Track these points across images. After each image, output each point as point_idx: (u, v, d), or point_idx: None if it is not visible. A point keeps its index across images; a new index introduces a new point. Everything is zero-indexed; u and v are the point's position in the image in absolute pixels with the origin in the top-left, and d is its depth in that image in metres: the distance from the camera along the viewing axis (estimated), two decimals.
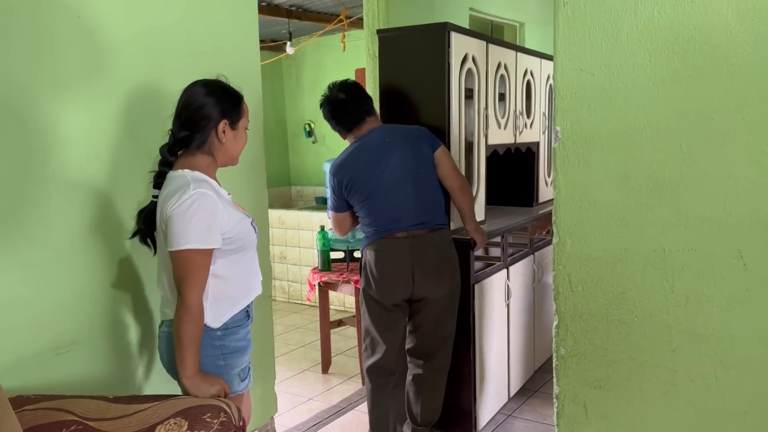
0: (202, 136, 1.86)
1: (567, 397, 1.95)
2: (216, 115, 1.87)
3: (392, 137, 2.69)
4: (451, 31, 2.78)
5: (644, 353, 1.81)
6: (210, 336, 1.86)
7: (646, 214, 1.77)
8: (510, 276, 3.26)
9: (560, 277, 1.91)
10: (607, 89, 1.78)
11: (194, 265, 1.77)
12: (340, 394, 3.77)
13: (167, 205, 1.78)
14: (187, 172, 1.84)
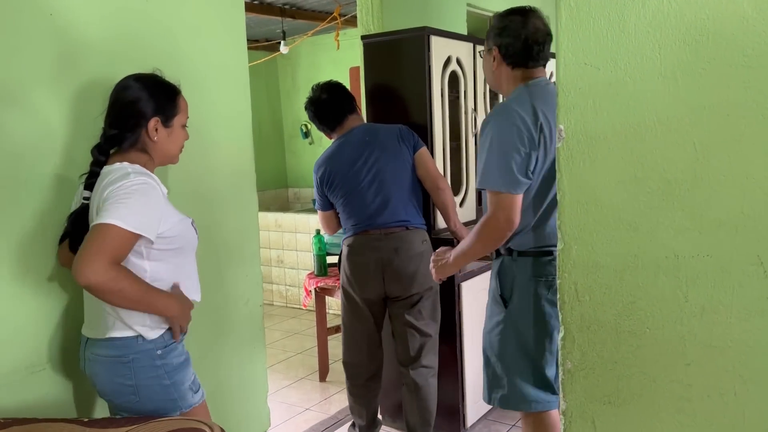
0: (132, 135, 1.76)
1: (574, 413, 1.83)
2: (147, 112, 1.78)
3: (372, 136, 2.70)
4: (430, 35, 2.80)
5: (657, 367, 1.69)
6: (150, 356, 1.75)
7: (657, 217, 1.64)
8: None
9: (566, 285, 1.79)
10: (613, 84, 1.66)
11: (114, 242, 1.59)
12: (338, 403, 3.67)
13: (106, 192, 1.63)
14: (126, 164, 1.72)
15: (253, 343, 2.70)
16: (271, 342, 4.51)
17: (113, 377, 1.77)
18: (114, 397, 1.80)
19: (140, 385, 1.77)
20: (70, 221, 1.80)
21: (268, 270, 5.86)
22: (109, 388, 1.79)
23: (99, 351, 1.78)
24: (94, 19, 2.03)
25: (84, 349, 1.84)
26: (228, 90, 2.48)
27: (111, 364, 1.76)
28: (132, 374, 1.76)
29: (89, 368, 1.83)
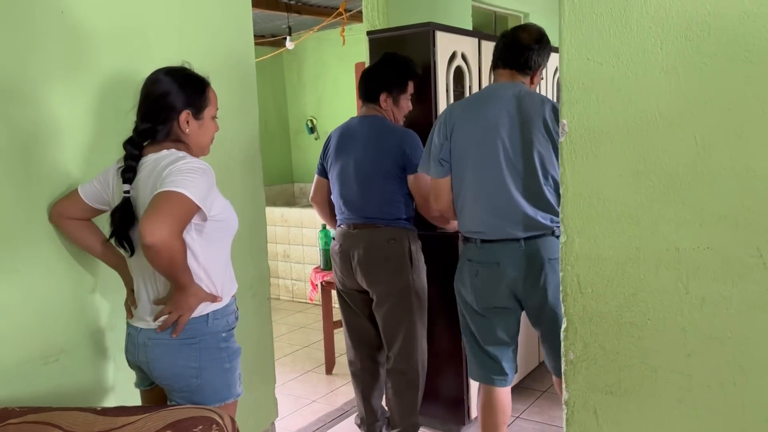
0: (165, 127, 1.78)
1: (577, 403, 1.86)
2: (178, 105, 1.78)
3: (378, 132, 2.68)
4: (435, 30, 2.80)
5: (658, 358, 1.72)
6: (216, 339, 1.82)
7: (658, 211, 1.67)
8: None
9: (568, 277, 1.82)
10: (616, 79, 1.69)
11: (181, 210, 1.61)
12: (344, 395, 3.70)
13: (165, 171, 1.67)
14: (173, 150, 1.75)
15: (261, 335, 2.74)
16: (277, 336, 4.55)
17: (177, 359, 1.77)
18: (174, 380, 1.79)
19: (204, 367, 1.78)
20: (116, 219, 1.78)
21: (274, 265, 5.90)
22: (170, 372, 1.79)
23: (162, 335, 1.77)
24: (104, 16, 2.06)
25: (136, 336, 1.83)
26: (235, 85, 2.51)
27: (177, 346, 1.77)
28: (198, 356, 1.78)
29: (146, 354, 1.80)
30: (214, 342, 1.81)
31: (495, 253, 2.34)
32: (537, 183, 2.30)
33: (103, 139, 2.07)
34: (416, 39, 2.83)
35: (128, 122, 2.14)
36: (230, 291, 1.90)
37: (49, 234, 1.93)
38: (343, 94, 6.64)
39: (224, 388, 1.84)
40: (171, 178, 1.64)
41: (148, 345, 1.81)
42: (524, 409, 3.25)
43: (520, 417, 3.18)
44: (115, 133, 2.10)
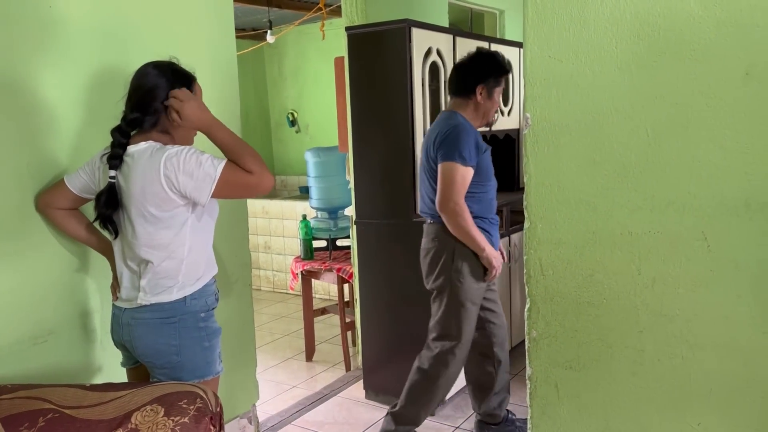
0: (152, 118, 1.86)
1: (539, 378, 1.98)
2: (162, 97, 1.86)
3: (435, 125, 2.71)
4: (411, 26, 2.89)
5: (613, 334, 1.85)
6: (195, 318, 1.90)
7: (613, 198, 1.80)
8: None
9: (531, 260, 1.94)
10: (575, 76, 1.81)
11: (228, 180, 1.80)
12: (323, 381, 3.81)
13: (166, 176, 1.77)
14: (151, 143, 1.85)
15: (242, 319, 2.83)
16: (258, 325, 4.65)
17: (158, 338, 1.86)
18: (156, 357, 1.88)
19: (183, 345, 1.87)
20: (103, 203, 1.85)
21: (255, 256, 5.98)
22: (152, 350, 1.88)
23: (144, 314, 1.87)
24: (88, 9, 2.14)
25: (120, 316, 1.92)
26: (217, 78, 2.60)
27: (158, 325, 1.86)
28: (177, 334, 1.87)
29: (129, 333, 1.90)
30: (193, 321, 1.90)
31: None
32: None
33: (90, 128, 2.15)
34: (393, 35, 2.92)
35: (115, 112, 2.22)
36: (210, 273, 1.99)
37: (38, 219, 2.01)
38: (323, 87, 6.72)
39: (203, 366, 1.92)
40: (198, 177, 1.78)
41: (131, 324, 1.90)
42: None
43: None
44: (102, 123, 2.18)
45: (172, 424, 1.65)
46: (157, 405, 1.70)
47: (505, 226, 3.64)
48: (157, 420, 1.66)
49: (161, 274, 1.87)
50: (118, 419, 1.66)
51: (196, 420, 1.69)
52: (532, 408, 2.01)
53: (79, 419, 1.66)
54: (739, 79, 1.60)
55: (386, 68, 2.97)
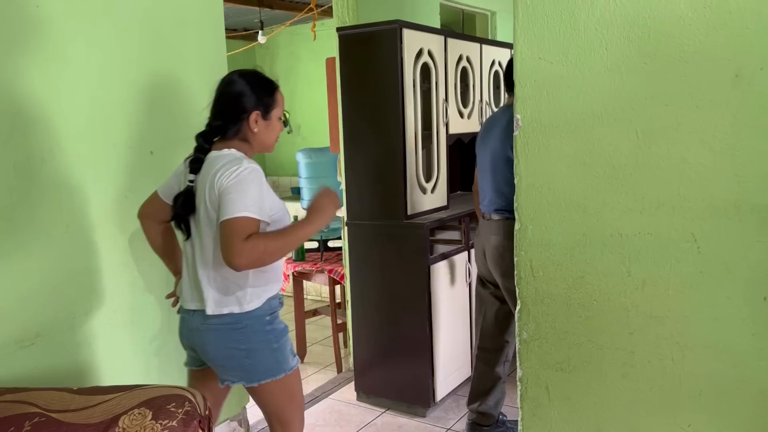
0: (235, 126, 1.91)
1: (530, 380, 1.98)
2: (249, 106, 1.90)
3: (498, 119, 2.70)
4: (402, 27, 2.89)
5: (603, 336, 1.85)
6: (261, 322, 1.91)
7: (603, 199, 1.80)
8: (471, 258, 3.34)
9: (522, 262, 1.94)
10: (565, 77, 1.81)
11: (246, 229, 1.75)
12: (315, 382, 3.79)
13: (221, 178, 1.79)
14: (234, 151, 1.88)
15: None
16: None
17: (227, 343, 1.88)
18: (227, 361, 1.91)
19: (252, 348, 1.89)
20: (180, 204, 1.88)
21: None
22: (222, 354, 1.90)
23: (212, 321, 1.88)
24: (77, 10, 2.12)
25: (190, 320, 1.94)
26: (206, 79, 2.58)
27: (226, 331, 1.88)
28: (246, 339, 1.88)
29: (199, 338, 1.92)
30: (260, 326, 1.91)
31: None
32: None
33: (78, 128, 2.13)
34: (384, 36, 2.91)
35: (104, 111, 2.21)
36: (278, 281, 2.01)
37: (27, 220, 2.00)
38: (315, 88, 6.70)
39: (274, 366, 1.94)
40: (229, 199, 1.76)
41: (201, 330, 1.91)
42: None
43: None
44: (90, 122, 2.17)
45: (160, 428, 1.64)
46: (145, 408, 1.69)
47: None
48: (144, 424, 1.64)
49: (228, 283, 1.87)
50: (105, 423, 1.65)
51: (185, 424, 1.67)
52: (523, 410, 2.01)
53: (65, 423, 1.64)
54: (729, 81, 1.60)
55: (377, 69, 2.96)
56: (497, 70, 3.78)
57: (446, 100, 3.24)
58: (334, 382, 3.66)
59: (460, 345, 3.31)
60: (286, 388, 1.98)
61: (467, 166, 4.19)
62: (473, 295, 3.38)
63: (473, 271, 3.37)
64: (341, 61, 3.08)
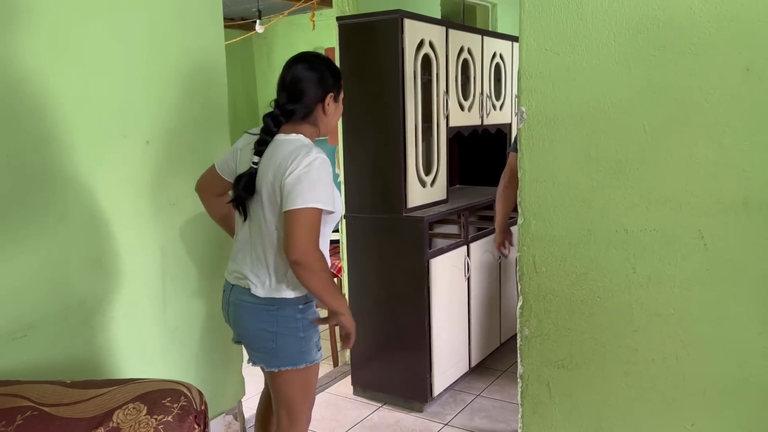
0: (307, 108, 1.92)
1: (531, 376, 1.96)
2: (323, 89, 1.92)
3: None
4: (404, 17, 2.84)
5: (606, 333, 1.82)
6: (293, 309, 1.91)
7: (609, 194, 1.77)
8: (470, 253, 3.30)
9: (525, 257, 1.91)
10: (571, 69, 1.77)
11: (316, 224, 1.79)
12: None
13: (289, 165, 1.80)
14: (302, 137, 1.90)
15: None
16: None
17: (257, 322, 1.91)
18: (254, 340, 1.94)
19: (279, 333, 1.90)
20: (242, 186, 1.89)
21: None
22: (251, 332, 1.94)
23: (247, 298, 1.92)
24: None
25: (229, 294, 1.99)
26: (204, 68, 2.53)
27: (258, 311, 1.91)
28: (275, 321, 1.90)
29: (234, 312, 1.97)
30: (292, 312, 1.91)
31: None
32: None
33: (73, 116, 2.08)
34: (385, 26, 2.87)
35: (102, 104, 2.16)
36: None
37: (19, 211, 1.95)
38: None
39: (297, 355, 1.93)
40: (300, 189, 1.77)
41: (236, 304, 1.96)
42: (485, 387, 3.36)
43: (481, 395, 3.28)
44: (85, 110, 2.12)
45: (155, 423, 1.60)
46: (140, 403, 1.65)
47: None
48: (139, 419, 1.61)
49: (281, 269, 1.89)
50: (99, 418, 1.61)
51: (180, 419, 1.64)
52: (523, 407, 1.98)
53: (58, 417, 1.61)
54: (740, 75, 1.57)
55: (378, 60, 2.91)
56: (498, 63, 3.74)
57: (447, 92, 3.20)
58: (330, 376, 3.63)
59: (458, 340, 3.28)
60: (304, 380, 1.98)
61: (467, 159, 4.16)
62: (472, 289, 3.36)
63: (472, 265, 3.34)
64: (341, 51, 3.03)
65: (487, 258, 3.50)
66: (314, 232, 1.79)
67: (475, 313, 3.42)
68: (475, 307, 3.41)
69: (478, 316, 3.46)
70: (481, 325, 3.51)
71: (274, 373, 1.95)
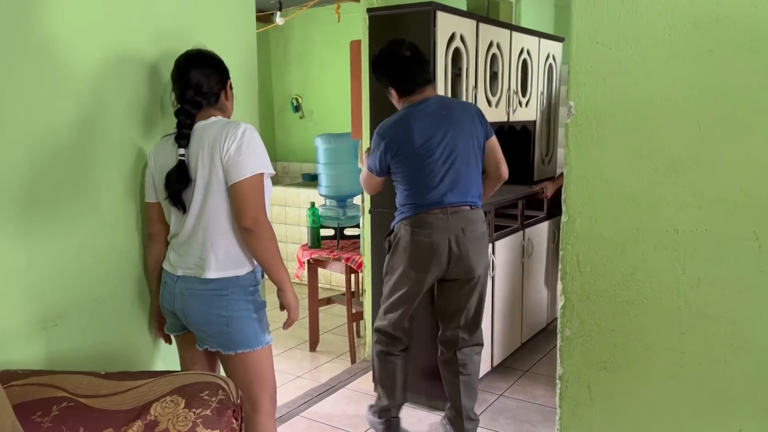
0: (214, 97, 2.03)
1: (571, 378, 1.91)
2: (222, 77, 2.07)
3: (448, 110, 2.58)
4: (436, 10, 2.79)
5: (652, 335, 1.78)
6: (244, 292, 1.99)
7: (659, 193, 1.72)
8: (495, 251, 3.25)
9: (568, 256, 1.86)
10: (623, 63, 1.72)
11: (262, 189, 1.92)
12: (328, 371, 3.74)
13: (224, 141, 1.90)
14: (221, 117, 2.02)
15: None
16: None
17: (210, 308, 1.95)
18: (207, 327, 1.98)
19: (233, 316, 1.96)
20: (172, 180, 1.95)
21: None
22: (204, 319, 1.97)
23: (197, 286, 1.96)
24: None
25: (173, 285, 2.00)
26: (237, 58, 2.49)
27: (209, 297, 1.95)
28: (228, 305, 1.95)
29: (182, 302, 1.99)
30: (243, 294, 1.98)
31: None
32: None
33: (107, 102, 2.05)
34: (417, 18, 2.83)
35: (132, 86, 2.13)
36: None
37: (51, 198, 1.92)
38: (329, 72, 6.60)
39: (253, 336, 2.00)
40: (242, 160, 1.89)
41: (184, 294, 1.98)
42: (507, 387, 3.33)
43: (503, 395, 3.25)
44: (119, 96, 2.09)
45: (194, 417, 1.57)
46: (178, 396, 1.62)
47: (520, 221, 3.57)
48: (177, 412, 1.58)
49: (231, 246, 1.96)
50: (137, 410, 1.58)
51: (219, 413, 1.60)
52: (562, 408, 1.94)
53: (95, 409, 1.58)
54: None
55: None
56: (525, 59, 3.70)
57: (476, 87, 3.16)
58: (350, 372, 3.60)
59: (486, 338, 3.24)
60: (260, 363, 2.04)
61: None
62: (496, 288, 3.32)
63: (498, 264, 3.30)
64: (370, 43, 2.99)
65: (512, 256, 3.46)
66: (261, 197, 1.92)
67: (498, 313, 3.38)
68: (498, 307, 3.37)
69: (501, 315, 3.42)
70: (504, 325, 3.47)
71: (232, 357, 2.00)
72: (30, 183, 1.87)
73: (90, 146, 2.01)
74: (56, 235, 1.95)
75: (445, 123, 2.54)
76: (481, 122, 2.63)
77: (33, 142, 1.87)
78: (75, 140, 1.97)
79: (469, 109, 2.63)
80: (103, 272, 2.09)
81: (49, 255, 1.94)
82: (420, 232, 2.55)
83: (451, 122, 2.54)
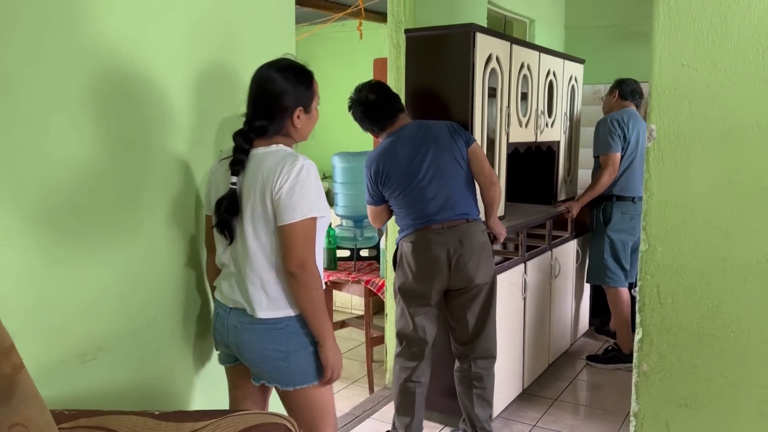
0: (278, 125, 1.85)
1: (647, 415, 1.82)
2: (292, 103, 1.84)
3: (425, 131, 2.67)
4: (476, 32, 2.77)
5: (739, 371, 1.69)
6: (300, 325, 1.85)
7: (750, 222, 1.65)
8: (527, 271, 3.20)
9: (647, 287, 1.78)
10: (711, 86, 1.66)
11: (313, 233, 1.78)
12: (345, 398, 3.60)
13: (277, 178, 1.75)
14: (282, 147, 1.84)
15: None
16: None
17: (266, 343, 1.83)
18: (263, 362, 1.86)
19: (290, 350, 1.84)
20: (224, 208, 1.81)
21: None
22: (259, 354, 1.85)
23: (250, 320, 1.84)
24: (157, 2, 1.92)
25: (226, 318, 1.89)
26: None
27: (265, 331, 1.83)
28: (284, 340, 1.83)
29: (235, 336, 1.87)
30: (299, 327, 1.85)
31: None
32: None
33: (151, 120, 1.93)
34: (457, 39, 2.76)
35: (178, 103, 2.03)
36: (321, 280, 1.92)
37: (95, 221, 1.78)
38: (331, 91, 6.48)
39: (310, 371, 1.87)
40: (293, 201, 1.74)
41: (238, 328, 1.86)
42: (539, 417, 3.22)
43: (537, 425, 3.14)
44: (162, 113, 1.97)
45: None
46: None
47: (547, 241, 3.50)
48: None
49: (272, 285, 1.82)
50: None
51: None
52: None
53: None
54: None
55: (447, 73, 2.80)
56: (551, 80, 3.65)
57: (508, 106, 3.10)
58: (373, 401, 3.47)
59: (512, 361, 3.15)
60: (321, 396, 1.92)
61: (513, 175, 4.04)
62: (527, 310, 3.23)
63: (529, 285, 3.22)
64: (408, 63, 2.92)
65: (541, 277, 3.39)
66: (311, 242, 1.79)
67: (529, 334, 3.30)
68: (529, 329, 3.29)
69: (531, 336, 3.34)
70: (533, 347, 3.39)
71: (291, 393, 1.88)
72: (74, 206, 1.74)
73: (132, 166, 1.89)
74: (97, 262, 1.81)
75: (425, 143, 2.64)
76: (458, 134, 2.68)
77: (78, 161, 1.74)
78: (119, 159, 1.84)
79: (444, 126, 2.71)
80: (143, 301, 1.96)
81: (89, 283, 1.80)
82: (419, 245, 2.65)
83: (431, 141, 2.65)
